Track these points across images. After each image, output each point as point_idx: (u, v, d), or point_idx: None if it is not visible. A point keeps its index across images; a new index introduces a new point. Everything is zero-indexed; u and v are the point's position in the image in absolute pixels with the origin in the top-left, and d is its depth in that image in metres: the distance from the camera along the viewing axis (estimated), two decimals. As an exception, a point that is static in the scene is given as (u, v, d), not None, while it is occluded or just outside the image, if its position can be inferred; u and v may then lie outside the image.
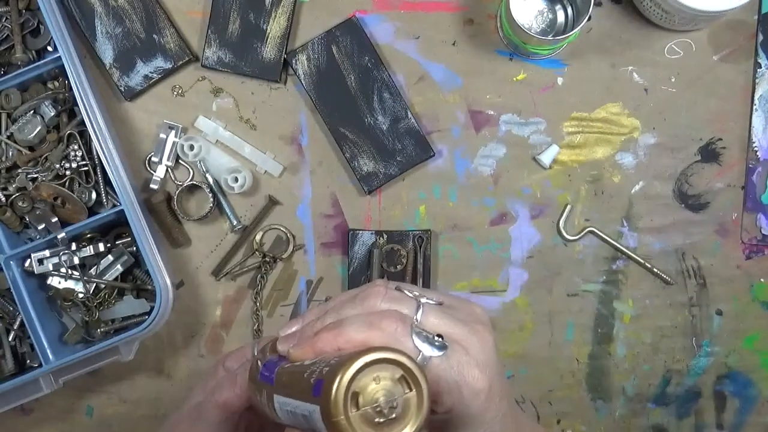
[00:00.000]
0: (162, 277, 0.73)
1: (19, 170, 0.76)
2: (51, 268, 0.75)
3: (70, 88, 0.73)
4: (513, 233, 0.78)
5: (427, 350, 0.40)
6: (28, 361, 0.76)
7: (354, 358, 0.35)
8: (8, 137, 0.76)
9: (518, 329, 0.79)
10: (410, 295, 0.43)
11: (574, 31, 0.70)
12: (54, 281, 0.76)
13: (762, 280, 0.78)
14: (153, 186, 0.78)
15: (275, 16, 0.77)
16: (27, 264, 0.75)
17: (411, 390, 0.36)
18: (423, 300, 0.43)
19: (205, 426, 0.51)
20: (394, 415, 0.35)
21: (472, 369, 0.41)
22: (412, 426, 0.36)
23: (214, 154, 0.79)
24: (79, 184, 0.76)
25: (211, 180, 0.79)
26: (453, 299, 0.45)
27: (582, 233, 0.78)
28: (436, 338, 0.40)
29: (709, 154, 0.77)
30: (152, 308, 0.72)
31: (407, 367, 0.36)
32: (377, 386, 0.35)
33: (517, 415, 0.45)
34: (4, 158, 0.77)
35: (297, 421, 0.39)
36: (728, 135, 0.77)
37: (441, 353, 0.40)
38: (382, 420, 0.35)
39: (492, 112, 0.78)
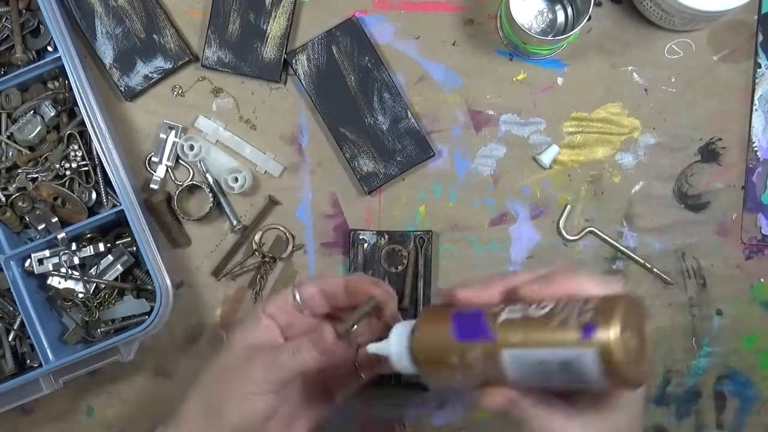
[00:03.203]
0: (162, 277, 0.73)
1: (19, 170, 0.76)
2: (51, 268, 0.75)
3: (70, 88, 0.73)
4: (513, 233, 0.78)
5: None
6: (28, 361, 0.76)
7: (620, 300, 0.41)
8: (8, 137, 0.76)
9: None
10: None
11: (574, 31, 0.70)
12: (54, 281, 0.76)
13: (762, 280, 0.78)
14: (153, 186, 0.78)
15: (275, 16, 0.77)
16: (27, 264, 0.75)
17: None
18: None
19: (278, 372, 0.53)
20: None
21: None
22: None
23: (214, 154, 0.79)
24: (79, 184, 0.76)
25: (211, 180, 0.79)
26: None
27: (582, 233, 0.78)
28: None
29: (709, 154, 0.77)
30: (152, 308, 0.72)
31: (641, 309, 0.43)
32: (631, 321, 0.41)
33: None
34: (4, 158, 0.77)
35: (544, 372, 0.43)
36: (728, 135, 0.77)
37: None
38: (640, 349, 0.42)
39: (492, 112, 0.78)
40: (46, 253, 0.74)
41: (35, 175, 0.76)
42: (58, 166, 0.75)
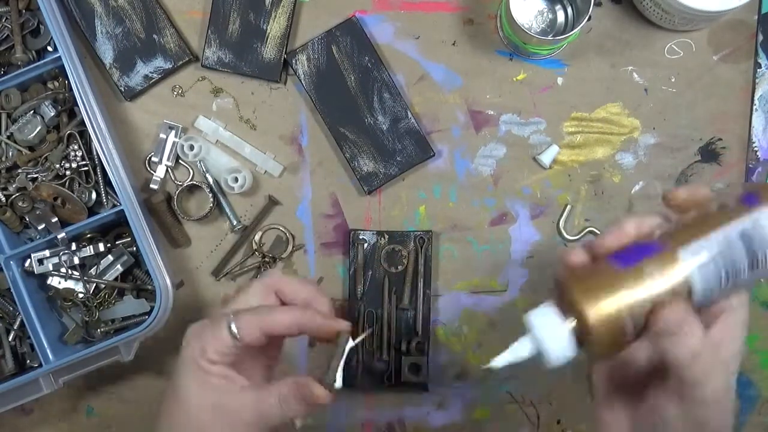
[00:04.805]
0: (162, 277, 0.73)
1: (19, 170, 0.76)
2: (51, 268, 0.75)
3: (70, 88, 0.73)
4: (513, 233, 0.78)
5: None
6: (28, 361, 0.76)
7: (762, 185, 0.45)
8: (8, 137, 0.76)
9: (518, 329, 0.78)
10: None
11: (574, 31, 0.70)
12: (54, 281, 0.76)
13: (762, 280, 0.78)
14: (153, 186, 0.78)
15: (275, 16, 0.77)
16: (27, 264, 0.75)
17: None
18: None
19: (265, 419, 0.51)
20: None
21: None
22: None
23: (214, 154, 0.79)
24: (79, 184, 0.76)
25: (211, 180, 0.79)
26: None
27: (582, 233, 0.78)
28: None
29: (709, 154, 0.77)
30: (152, 308, 0.72)
31: None
32: None
33: None
34: (4, 158, 0.77)
35: (727, 257, 0.43)
36: (728, 135, 0.77)
37: None
38: None
39: (492, 112, 0.78)
40: (46, 253, 0.74)
41: (35, 175, 0.76)
42: (58, 166, 0.75)
